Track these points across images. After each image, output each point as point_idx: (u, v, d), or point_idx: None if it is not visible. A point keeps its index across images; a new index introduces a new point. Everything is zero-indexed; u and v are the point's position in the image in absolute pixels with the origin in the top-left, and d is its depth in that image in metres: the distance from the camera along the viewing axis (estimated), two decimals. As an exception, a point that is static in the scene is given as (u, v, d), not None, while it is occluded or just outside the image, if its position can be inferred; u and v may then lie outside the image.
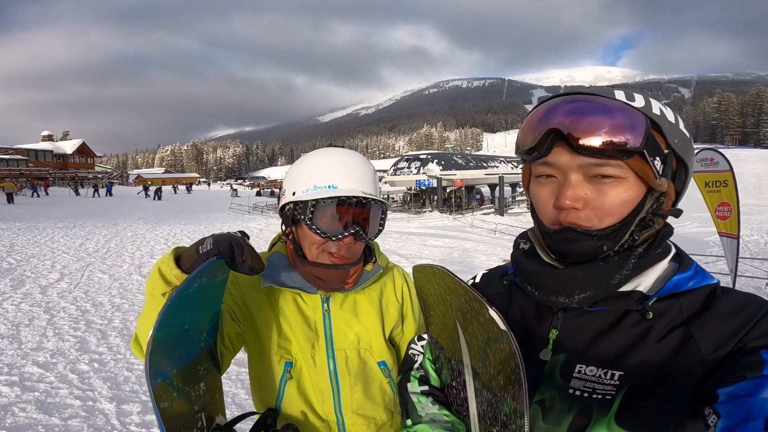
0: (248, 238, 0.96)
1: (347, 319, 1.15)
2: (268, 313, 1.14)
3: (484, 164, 34.94)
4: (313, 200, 1.04)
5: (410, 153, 37.23)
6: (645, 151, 0.64)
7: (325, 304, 1.14)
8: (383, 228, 1.13)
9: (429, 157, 31.42)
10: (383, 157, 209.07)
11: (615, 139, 0.63)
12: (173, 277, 0.84)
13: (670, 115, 0.69)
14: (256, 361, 1.17)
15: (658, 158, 0.66)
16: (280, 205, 1.14)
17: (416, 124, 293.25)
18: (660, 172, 0.66)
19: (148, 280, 0.88)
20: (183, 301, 0.80)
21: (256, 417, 1.10)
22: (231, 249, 0.86)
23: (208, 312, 0.94)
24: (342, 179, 1.06)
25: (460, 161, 32.73)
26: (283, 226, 1.16)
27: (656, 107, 0.68)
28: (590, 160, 0.65)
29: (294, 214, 1.09)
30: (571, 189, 0.67)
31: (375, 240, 1.18)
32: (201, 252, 0.85)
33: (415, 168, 30.66)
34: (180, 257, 0.87)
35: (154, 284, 0.86)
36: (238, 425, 1.00)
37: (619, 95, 0.67)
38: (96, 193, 36.49)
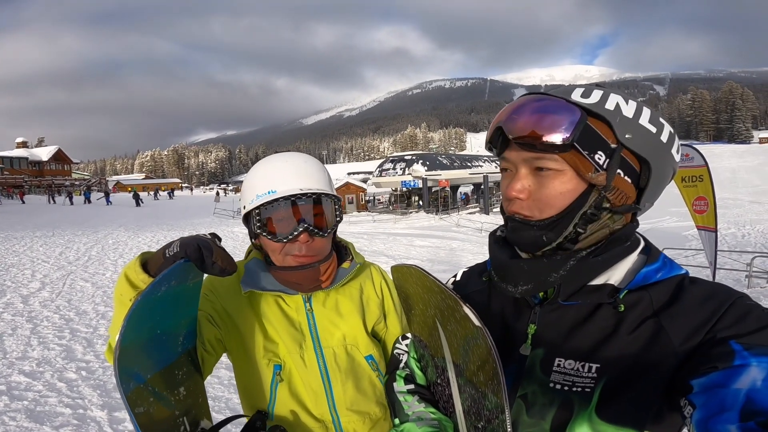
0: (219, 240, 0.96)
1: (331, 317, 1.16)
2: (251, 318, 1.14)
3: (469, 164, 35.16)
4: (256, 209, 1.07)
5: (395, 154, 37.21)
6: (576, 145, 0.66)
7: (308, 304, 1.15)
8: (341, 219, 1.14)
9: (414, 157, 31.47)
10: (368, 159, 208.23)
11: (543, 135, 0.66)
12: (140, 281, 0.83)
13: (627, 111, 0.67)
14: (242, 366, 1.16)
15: (600, 152, 0.67)
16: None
17: (400, 125, 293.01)
18: (603, 166, 0.67)
19: (116, 286, 0.87)
20: (151, 305, 0.79)
21: (244, 419, 1.09)
22: (199, 251, 0.86)
23: (184, 316, 0.94)
24: (280, 182, 1.07)
25: (444, 161, 32.87)
26: (252, 239, 1.19)
27: (611, 103, 0.67)
28: (530, 154, 0.69)
29: (249, 227, 1.12)
30: (518, 181, 0.71)
31: (338, 232, 1.20)
32: (168, 255, 0.84)
33: (401, 169, 30.70)
34: (148, 262, 0.86)
35: (121, 290, 0.85)
36: (226, 429, 0.99)
37: (575, 93, 0.69)
38: (70, 201, 33.37)
